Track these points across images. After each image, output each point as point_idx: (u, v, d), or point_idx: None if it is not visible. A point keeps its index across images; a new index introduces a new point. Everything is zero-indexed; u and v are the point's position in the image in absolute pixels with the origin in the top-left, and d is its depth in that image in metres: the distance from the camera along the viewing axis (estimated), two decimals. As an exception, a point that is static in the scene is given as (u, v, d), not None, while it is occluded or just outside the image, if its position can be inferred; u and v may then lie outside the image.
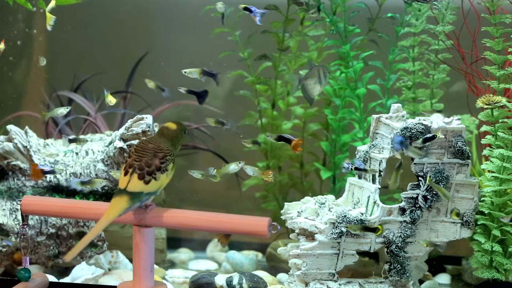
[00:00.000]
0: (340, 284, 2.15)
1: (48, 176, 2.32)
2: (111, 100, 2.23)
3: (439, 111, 2.57)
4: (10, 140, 2.35)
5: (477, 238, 2.19)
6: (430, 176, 2.08)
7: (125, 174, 1.92)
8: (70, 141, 2.24)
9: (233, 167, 2.05)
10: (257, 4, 2.46)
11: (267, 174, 2.07)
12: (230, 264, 2.56)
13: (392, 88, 2.65)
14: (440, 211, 2.16)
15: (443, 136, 2.10)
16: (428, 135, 2.08)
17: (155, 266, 2.39)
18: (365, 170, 2.13)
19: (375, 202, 2.16)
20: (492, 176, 2.21)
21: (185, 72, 2.10)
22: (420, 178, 2.14)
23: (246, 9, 2.14)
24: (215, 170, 2.06)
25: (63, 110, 2.23)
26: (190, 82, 2.11)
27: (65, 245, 2.33)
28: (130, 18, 2.96)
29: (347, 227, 2.09)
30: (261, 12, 2.14)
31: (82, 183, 2.10)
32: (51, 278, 2.27)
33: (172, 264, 2.67)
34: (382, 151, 2.20)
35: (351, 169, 2.12)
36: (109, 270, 2.44)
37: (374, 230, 2.07)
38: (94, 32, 2.95)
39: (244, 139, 2.20)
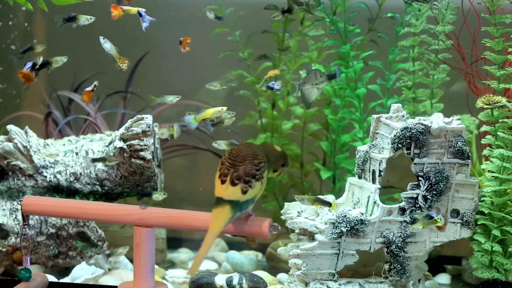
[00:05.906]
0: (340, 284, 2.15)
1: (48, 176, 2.32)
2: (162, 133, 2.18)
3: None
4: (10, 140, 2.35)
5: (477, 238, 2.19)
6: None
7: (222, 182, 1.87)
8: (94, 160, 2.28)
9: None
10: (257, 4, 2.46)
11: (123, 61, 2.07)
12: (230, 264, 2.56)
13: (392, 88, 2.65)
14: (440, 211, 2.16)
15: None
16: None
17: (155, 266, 2.38)
18: None
19: (375, 202, 2.16)
20: (492, 176, 2.21)
21: None
22: (420, 178, 2.14)
23: (138, 13, 2.13)
24: None
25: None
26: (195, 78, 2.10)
27: (65, 245, 2.33)
28: (130, 18, 2.95)
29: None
30: (150, 19, 2.14)
31: None
32: (51, 278, 2.27)
33: (172, 264, 2.67)
34: (382, 151, 2.20)
35: None
36: (109, 270, 2.44)
37: (329, 204, 2.10)
38: (94, 32, 2.95)
39: (216, 141, 2.21)
